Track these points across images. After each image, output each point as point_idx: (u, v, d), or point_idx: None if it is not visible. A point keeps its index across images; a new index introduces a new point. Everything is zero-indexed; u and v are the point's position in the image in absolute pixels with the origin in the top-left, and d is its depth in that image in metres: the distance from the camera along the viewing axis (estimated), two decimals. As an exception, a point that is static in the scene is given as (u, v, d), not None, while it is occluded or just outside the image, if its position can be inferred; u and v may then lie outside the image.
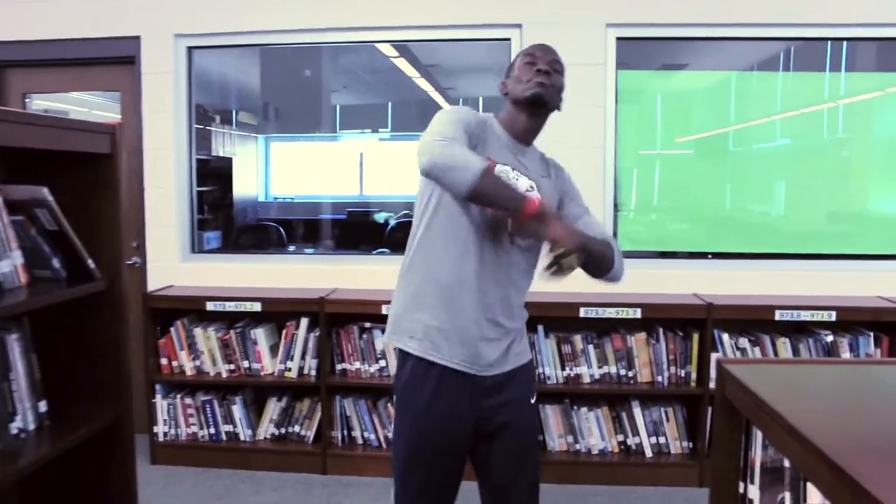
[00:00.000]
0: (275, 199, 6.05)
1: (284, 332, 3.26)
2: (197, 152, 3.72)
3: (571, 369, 3.14)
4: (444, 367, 1.67)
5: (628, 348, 3.13)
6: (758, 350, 3.07)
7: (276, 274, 3.50)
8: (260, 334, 3.26)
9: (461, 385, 1.68)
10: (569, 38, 3.16)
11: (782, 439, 0.87)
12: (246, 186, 5.42)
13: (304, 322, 3.23)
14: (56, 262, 1.64)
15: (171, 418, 3.32)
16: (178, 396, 3.32)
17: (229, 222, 4.78)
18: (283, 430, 3.33)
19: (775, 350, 3.06)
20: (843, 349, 3.03)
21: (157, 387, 3.31)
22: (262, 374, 3.27)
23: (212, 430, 3.31)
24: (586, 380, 3.15)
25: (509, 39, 3.35)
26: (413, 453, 1.72)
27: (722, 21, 3.25)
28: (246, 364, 3.27)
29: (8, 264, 1.51)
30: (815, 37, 3.31)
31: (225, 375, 3.27)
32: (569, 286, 1.68)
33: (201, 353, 3.28)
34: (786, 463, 0.98)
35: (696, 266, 3.43)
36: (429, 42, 3.57)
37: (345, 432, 3.29)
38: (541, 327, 3.13)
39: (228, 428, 3.32)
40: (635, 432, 3.17)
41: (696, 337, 3.09)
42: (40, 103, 3.89)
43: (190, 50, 3.54)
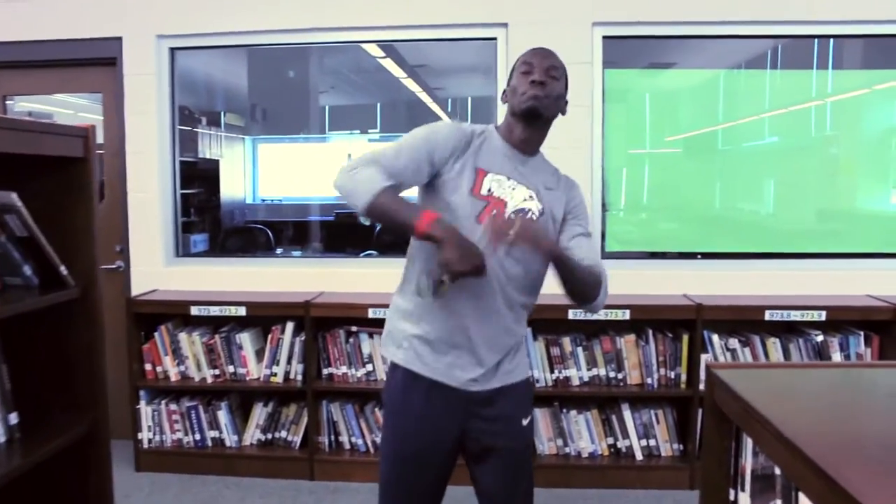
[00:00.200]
0: (262, 201, 5.99)
1: (270, 336, 3.22)
2: (183, 154, 3.68)
3: (560, 372, 3.12)
4: (430, 379, 1.65)
5: (617, 350, 3.11)
6: (748, 351, 3.05)
7: (263, 277, 3.46)
8: (245, 339, 3.22)
9: (447, 397, 1.65)
10: (555, 37, 3.12)
11: (772, 446, 0.84)
12: (233, 188, 5.37)
13: (290, 326, 3.19)
14: (27, 270, 1.60)
15: (155, 424, 3.27)
16: (163, 402, 3.27)
17: (216, 225, 4.73)
18: (269, 436, 3.29)
19: (765, 350, 3.05)
20: (833, 349, 3.02)
21: (142, 393, 3.26)
22: (247, 379, 3.23)
23: (197, 437, 3.27)
24: (575, 382, 3.12)
25: (495, 39, 3.33)
26: (396, 463, 1.71)
27: (709, 19, 3.23)
28: (231, 369, 3.23)
29: (-24, 272, 1.47)
30: (803, 34, 3.30)
31: (210, 381, 3.23)
32: (558, 289, 1.64)
33: (186, 359, 3.24)
34: (777, 470, 0.95)
35: (685, 266, 3.42)
36: (415, 42, 3.55)
37: (332, 437, 3.25)
38: (529, 330, 3.10)
39: (214, 434, 3.28)
40: (625, 435, 3.15)
41: (685, 338, 3.07)
42: (24, 105, 3.83)
43: (172, 51, 3.49)
